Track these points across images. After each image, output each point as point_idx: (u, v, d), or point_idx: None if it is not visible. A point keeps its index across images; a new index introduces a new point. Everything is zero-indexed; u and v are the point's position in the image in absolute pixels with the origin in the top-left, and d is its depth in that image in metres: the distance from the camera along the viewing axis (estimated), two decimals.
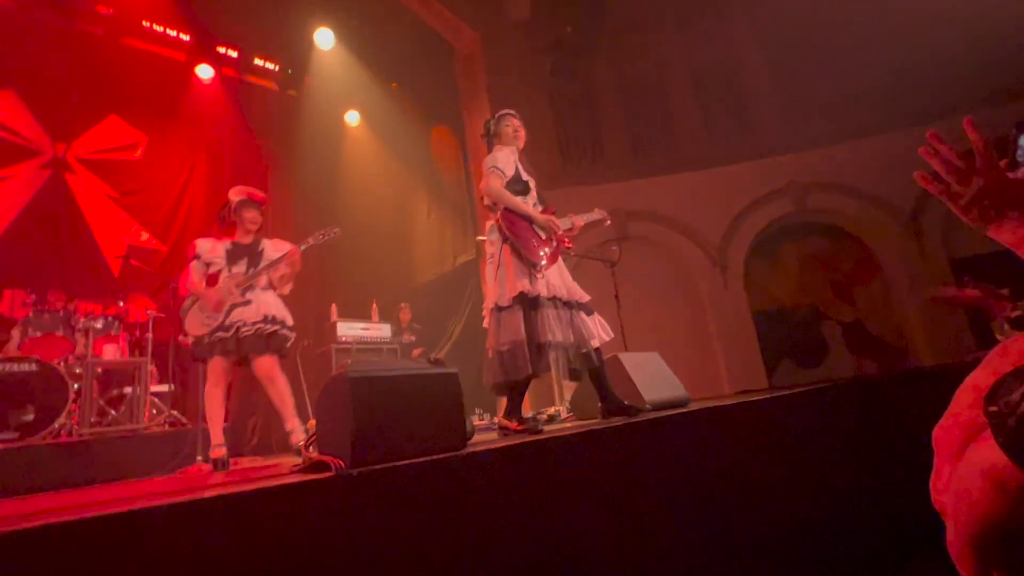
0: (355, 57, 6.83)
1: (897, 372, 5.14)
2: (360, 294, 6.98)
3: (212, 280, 3.17)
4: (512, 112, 2.87)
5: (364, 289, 7.13)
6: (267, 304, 3.13)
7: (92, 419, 3.96)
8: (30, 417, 3.60)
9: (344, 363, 1.63)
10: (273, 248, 3.33)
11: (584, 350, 2.54)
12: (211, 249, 3.23)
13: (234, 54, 6.75)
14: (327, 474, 1.37)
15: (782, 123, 6.82)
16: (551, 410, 4.06)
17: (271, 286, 3.25)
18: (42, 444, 3.46)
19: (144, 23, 5.98)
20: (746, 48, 7.10)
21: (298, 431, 3.03)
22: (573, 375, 2.58)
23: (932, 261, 6.08)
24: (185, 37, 6.25)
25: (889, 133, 6.10)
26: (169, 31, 6.17)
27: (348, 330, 5.36)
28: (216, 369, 3.03)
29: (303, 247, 3.28)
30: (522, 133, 2.85)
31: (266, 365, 3.04)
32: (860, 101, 6.01)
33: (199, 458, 3.70)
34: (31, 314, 4.43)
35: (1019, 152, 0.86)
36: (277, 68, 7.08)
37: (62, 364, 4.05)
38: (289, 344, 3.19)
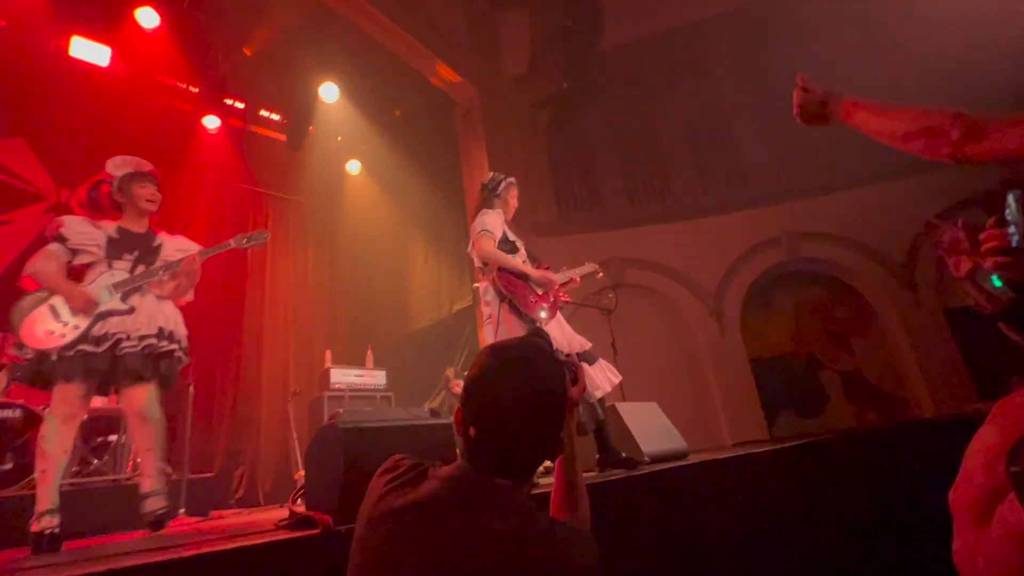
0: (358, 110, 7.06)
1: (900, 423, 5.07)
2: (356, 340, 6.94)
3: (74, 275, 2.40)
4: (515, 183, 2.96)
5: (360, 335, 7.09)
6: (163, 316, 2.41)
7: (73, 468, 3.83)
8: (8, 467, 3.48)
9: (336, 412, 1.59)
10: (174, 246, 2.63)
11: (590, 401, 2.52)
12: (85, 232, 2.41)
13: (240, 105, 6.97)
14: (313, 531, 1.31)
15: (774, 173, 7.00)
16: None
17: (164, 296, 2.53)
18: (16, 495, 3.32)
19: (155, 75, 6.19)
20: (737, 100, 7.38)
21: (157, 499, 2.25)
22: (580, 430, 2.53)
23: (927, 311, 6.11)
24: (194, 89, 6.46)
25: (880, 184, 6.26)
26: (179, 83, 6.39)
27: (342, 377, 5.28)
28: (69, 398, 2.18)
29: (212, 251, 2.60)
30: (516, 205, 2.95)
31: (142, 397, 2.29)
32: (851, 151, 6.19)
33: (182, 511, 3.56)
34: None
35: (1007, 212, 0.90)
36: (283, 120, 7.30)
37: (47, 411, 3.94)
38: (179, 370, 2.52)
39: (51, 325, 2.22)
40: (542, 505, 1.03)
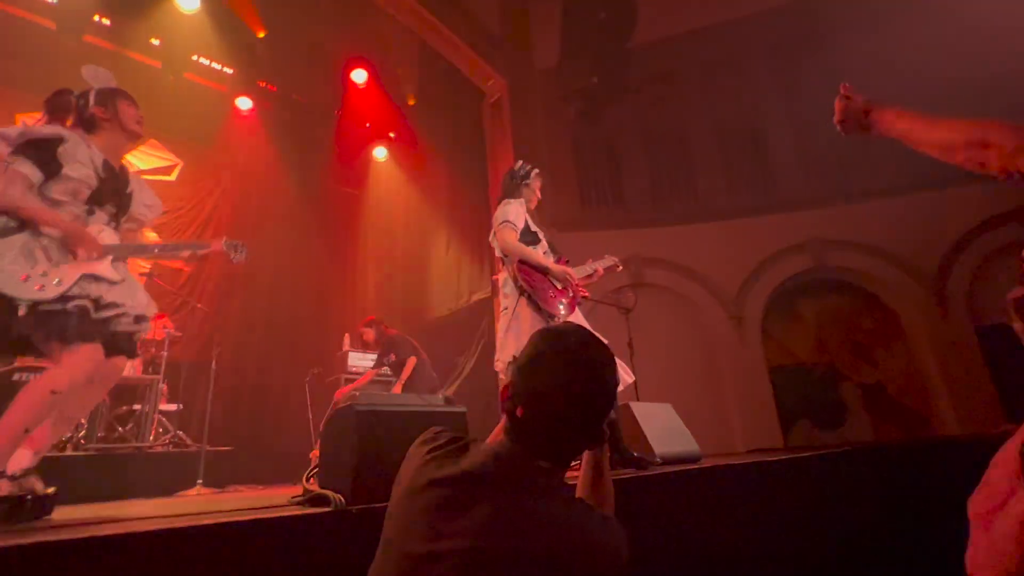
0: (387, 96, 7.11)
1: (922, 440, 4.95)
2: None
3: None
4: (540, 172, 2.95)
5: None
6: (144, 294, 1.95)
7: (99, 434, 3.96)
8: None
9: (352, 394, 1.62)
10: (142, 200, 2.05)
11: None
12: (84, 163, 1.78)
13: (273, 88, 7.07)
14: (326, 509, 1.34)
15: (804, 178, 6.85)
16: None
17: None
18: (46, 456, 3.45)
19: (193, 57, 6.32)
20: (770, 102, 7.23)
21: (33, 478, 1.71)
22: None
23: (956, 327, 5.93)
24: (229, 71, 6.58)
25: (913, 194, 6.08)
26: (215, 64, 6.51)
27: (359, 361, 5.37)
28: (91, 362, 1.70)
29: (223, 245, 2.19)
30: (540, 196, 2.95)
31: (122, 365, 1.93)
32: (885, 160, 6.02)
33: (199, 481, 3.66)
34: None
35: None
36: (314, 103, 7.39)
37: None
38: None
39: (24, 269, 1.63)
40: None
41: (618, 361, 2.67)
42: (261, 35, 6.27)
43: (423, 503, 0.86)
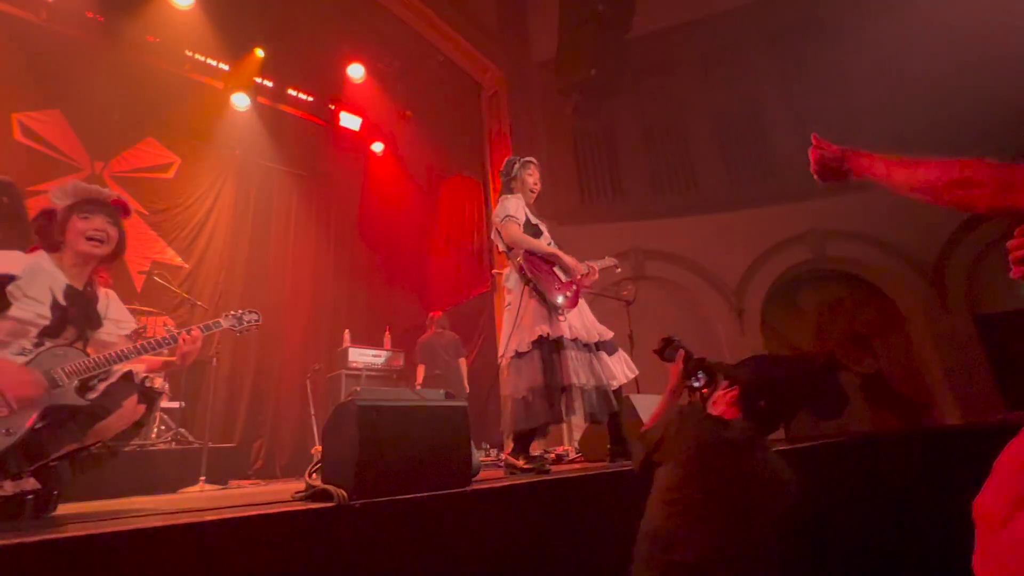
0: (384, 91, 7.08)
1: (921, 429, 4.97)
2: (374, 321, 7.03)
3: None
4: (535, 162, 2.93)
5: (378, 316, 7.18)
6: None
7: None
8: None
9: (354, 390, 1.62)
10: (115, 307, 1.96)
11: (605, 392, 2.52)
12: (27, 286, 1.69)
13: (269, 84, 7.02)
14: (329, 504, 1.34)
15: (804, 169, 6.78)
16: (559, 450, 3.98)
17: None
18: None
19: (187, 52, 6.28)
20: (769, 93, 7.19)
21: (31, 478, 1.73)
22: (593, 419, 2.54)
23: (956, 316, 5.94)
24: (224, 66, 6.54)
25: None
26: (210, 60, 6.46)
27: (360, 356, 5.38)
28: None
29: (208, 327, 2.02)
30: (538, 186, 2.92)
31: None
32: (883, 150, 5.99)
33: (202, 478, 3.67)
34: None
35: None
36: (310, 99, 7.35)
37: None
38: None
39: None
40: None
41: (623, 356, 2.70)
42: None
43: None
